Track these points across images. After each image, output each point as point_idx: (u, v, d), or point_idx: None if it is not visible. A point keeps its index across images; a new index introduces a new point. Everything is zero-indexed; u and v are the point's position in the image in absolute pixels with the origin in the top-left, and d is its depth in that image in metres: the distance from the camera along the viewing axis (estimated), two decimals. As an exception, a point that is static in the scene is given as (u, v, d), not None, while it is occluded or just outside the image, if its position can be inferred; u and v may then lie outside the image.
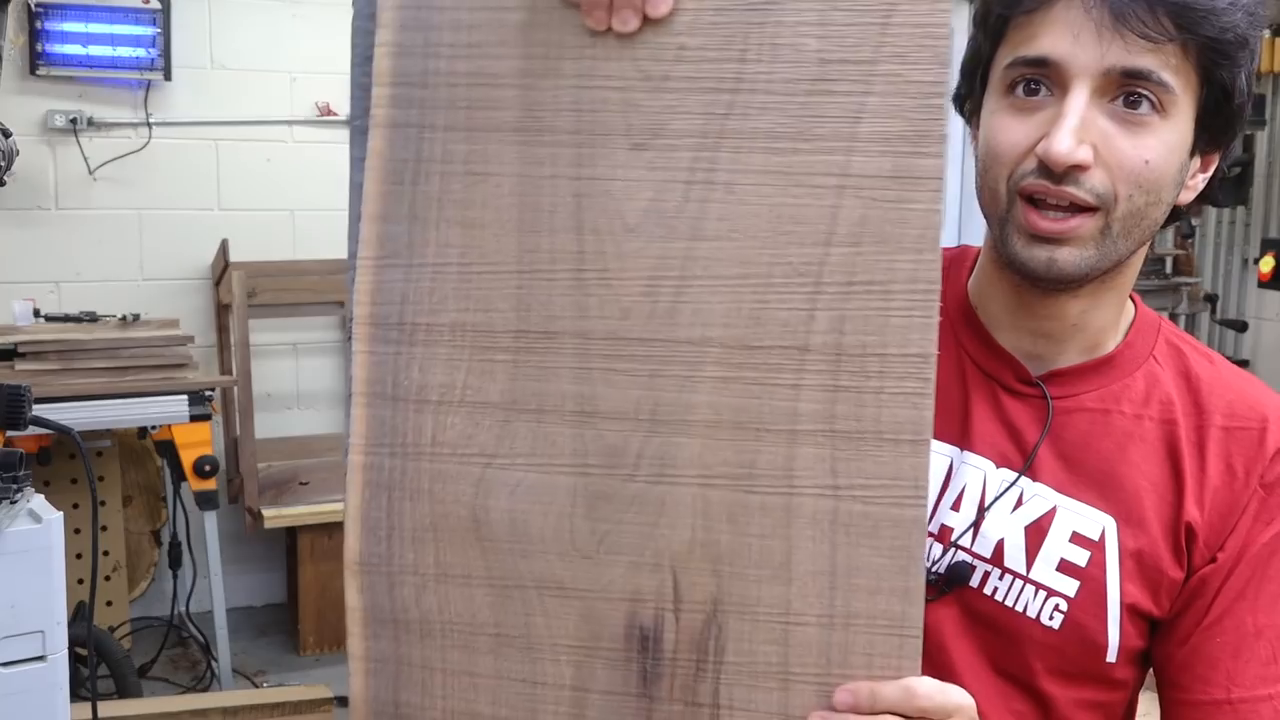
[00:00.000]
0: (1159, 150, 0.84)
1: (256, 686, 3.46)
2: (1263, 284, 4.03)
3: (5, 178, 3.37)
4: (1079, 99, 0.82)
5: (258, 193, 3.99)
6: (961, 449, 0.94)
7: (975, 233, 4.80)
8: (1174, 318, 4.57)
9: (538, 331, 0.77)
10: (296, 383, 4.13)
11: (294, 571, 3.78)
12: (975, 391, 0.95)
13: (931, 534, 0.94)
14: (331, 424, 4.15)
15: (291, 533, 3.75)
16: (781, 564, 0.74)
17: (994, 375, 0.95)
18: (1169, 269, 4.69)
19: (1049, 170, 0.83)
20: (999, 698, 0.91)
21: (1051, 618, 0.89)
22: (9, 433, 2.12)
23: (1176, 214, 0.92)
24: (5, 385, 1.62)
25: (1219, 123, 0.87)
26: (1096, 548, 0.89)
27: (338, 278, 4.03)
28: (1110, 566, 0.89)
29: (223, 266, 3.80)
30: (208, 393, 3.31)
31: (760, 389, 0.74)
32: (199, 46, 3.87)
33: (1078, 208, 0.84)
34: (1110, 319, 0.94)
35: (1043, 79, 0.84)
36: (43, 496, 1.69)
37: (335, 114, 4.06)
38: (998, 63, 0.88)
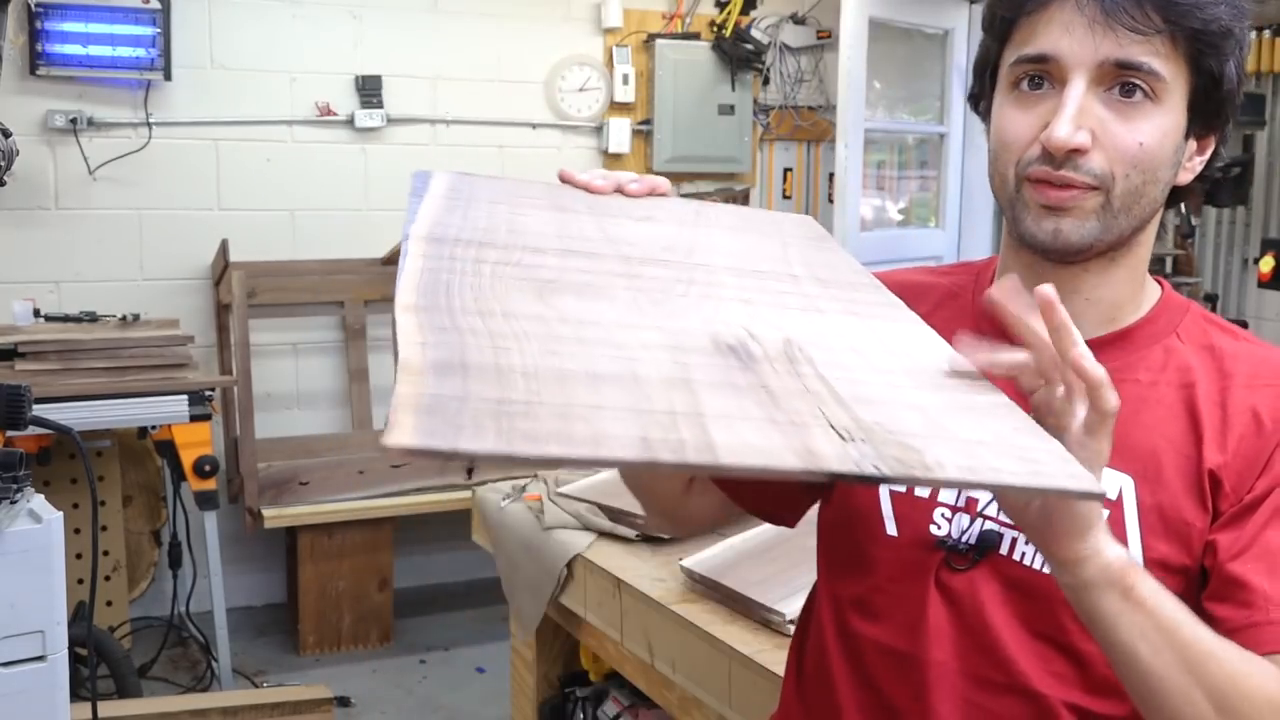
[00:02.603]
0: (1152, 133, 0.91)
1: (256, 686, 3.45)
2: (1263, 284, 4.03)
3: (5, 178, 3.37)
4: (1076, 89, 0.90)
5: (258, 193, 3.99)
6: None
7: (974, 227, 4.76)
8: (1174, 318, 4.54)
9: (581, 253, 0.88)
10: (296, 383, 4.13)
11: (294, 571, 3.78)
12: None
13: (958, 506, 1.00)
14: (331, 424, 4.15)
15: (291, 533, 3.75)
16: (828, 322, 0.85)
17: None
18: (1169, 269, 4.69)
19: (1051, 156, 0.91)
20: (1039, 661, 0.95)
21: None
22: (9, 433, 2.12)
23: (1180, 195, 0.99)
24: (5, 385, 1.62)
25: (1210, 107, 0.94)
26: (1115, 506, 0.93)
27: (338, 278, 4.04)
28: (1130, 522, 0.93)
29: (223, 266, 3.80)
30: (208, 393, 3.31)
31: (764, 281, 0.91)
32: (199, 46, 3.87)
33: (1078, 185, 0.91)
34: (1125, 294, 1.00)
35: (1044, 74, 0.92)
36: (43, 496, 1.69)
37: (335, 114, 4.06)
38: (1004, 62, 0.96)
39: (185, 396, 3.24)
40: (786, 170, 4.89)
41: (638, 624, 1.82)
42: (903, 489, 1.02)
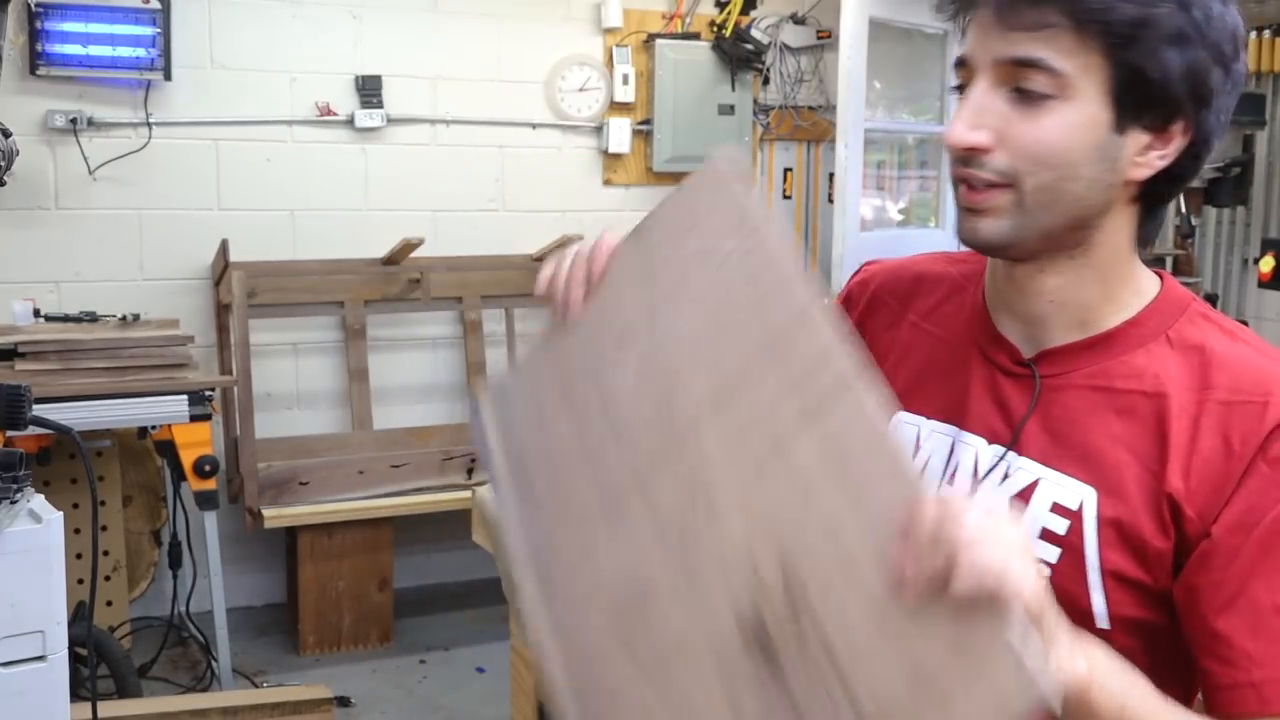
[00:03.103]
0: (1058, 129, 0.90)
1: (256, 686, 3.46)
2: (1263, 284, 4.03)
3: (5, 178, 3.38)
4: (976, 90, 0.92)
5: (258, 193, 3.99)
6: (960, 429, 1.01)
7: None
8: (1174, 318, 4.54)
9: (604, 485, 0.94)
10: (296, 383, 4.13)
11: (294, 571, 3.78)
12: (975, 376, 1.02)
13: None
14: (331, 424, 4.15)
15: (291, 533, 3.75)
16: (803, 486, 0.81)
17: (994, 360, 1.02)
18: (1169, 269, 4.69)
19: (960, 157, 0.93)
20: None
21: None
22: (9, 433, 2.12)
23: (1158, 194, 0.96)
24: (5, 385, 1.62)
25: (1141, 100, 0.90)
26: (1075, 516, 0.94)
27: (338, 278, 4.04)
28: (1089, 534, 0.93)
29: (223, 266, 3.80)
30: (208, 393, 3.31)
31: (734, 414, 0.85)
32: (199, 46, 3.87)
33: (991, 183, 0.92)
34: (1095, 296, 0.98)
35: (966, 76, 0.95)
36: (43, 496, 1.69)
37: (335, 114, 4.06)
38: None
39: (185, 396, 3.24)
40: (786, 170, 4.89)
41: (638, 624, 1.82)
42: None
